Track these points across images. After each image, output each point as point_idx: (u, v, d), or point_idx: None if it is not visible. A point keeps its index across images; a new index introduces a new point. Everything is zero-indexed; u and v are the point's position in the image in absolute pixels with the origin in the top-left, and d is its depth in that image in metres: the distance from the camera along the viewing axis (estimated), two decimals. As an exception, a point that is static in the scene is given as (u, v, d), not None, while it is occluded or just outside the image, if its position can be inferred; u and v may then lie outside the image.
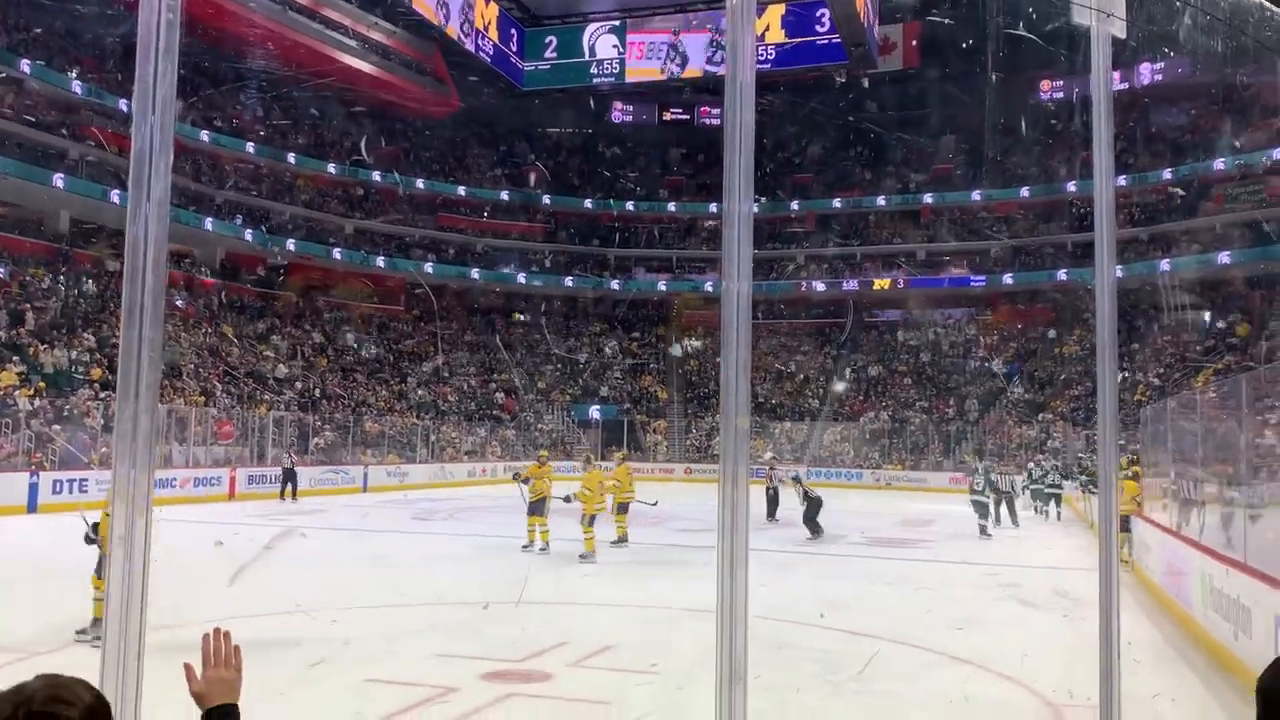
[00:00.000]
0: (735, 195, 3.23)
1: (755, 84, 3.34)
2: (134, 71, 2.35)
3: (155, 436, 2.55)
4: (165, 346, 19.68)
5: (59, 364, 27.97)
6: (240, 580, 11.91)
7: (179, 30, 2.30)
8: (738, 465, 3.12)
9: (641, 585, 12.71)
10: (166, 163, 2.32)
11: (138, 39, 2.25)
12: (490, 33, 40.49)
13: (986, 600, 11.97)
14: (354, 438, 33.85)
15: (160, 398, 2.84)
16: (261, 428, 30.52)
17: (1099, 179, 3.48)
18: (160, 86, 2.29)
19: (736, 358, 2.96)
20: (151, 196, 2.31)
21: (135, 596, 2.25)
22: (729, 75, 3.35)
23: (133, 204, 2.35)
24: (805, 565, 14.84)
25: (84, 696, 1.32)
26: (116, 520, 2.28)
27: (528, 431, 43.85)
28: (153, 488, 2.39)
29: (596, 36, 45.97)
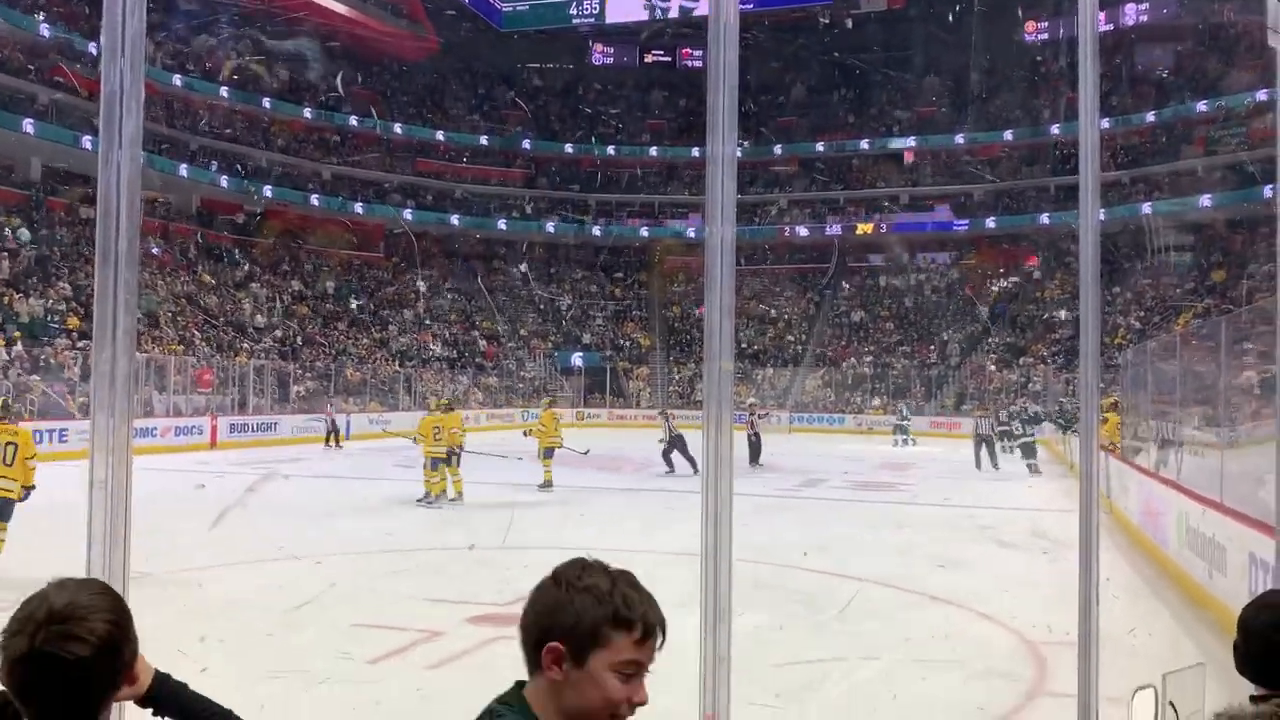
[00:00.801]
0: (719, 137, 3.18)
1: (739, 23, 3.28)
2: (102, 11, 2.29)
3: (134, 383, 2.52)
4: (142, 295, 19.51)
5: (35, 313, 27.71)
6: (223, 525, 11.93)
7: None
8: (721, 409, 3.12)
9: (622, 529, 12.82)
10: (138, 103, 2.27)
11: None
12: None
13: (966, 541, 12.13)
14: (335, 386, 33.78)
15: (138, 346, 2.80)
16: (241, 376, 30.41)
17: (1084, 124, 3.45)
18: (129, 24, 2.23)
19: (720, 300, 2.94)
20: (123, 139, 2.26)
21: (119, 545, 2.24)
22: (712, 14, 3.28)
23: (104, 147, 2.30)
24: (787, 509, 14.98)
25: (97, 629, 1.29)
26: (96, 467, 2.26)
27: (509, 379, 43.85)
28: (132, 434, 2.37)
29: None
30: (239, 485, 16.33)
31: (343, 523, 12.98)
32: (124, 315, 2.30)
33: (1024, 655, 6.76)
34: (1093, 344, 4.06)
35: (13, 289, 28.18)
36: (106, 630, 1.29)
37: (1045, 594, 8.51)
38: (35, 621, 1.25)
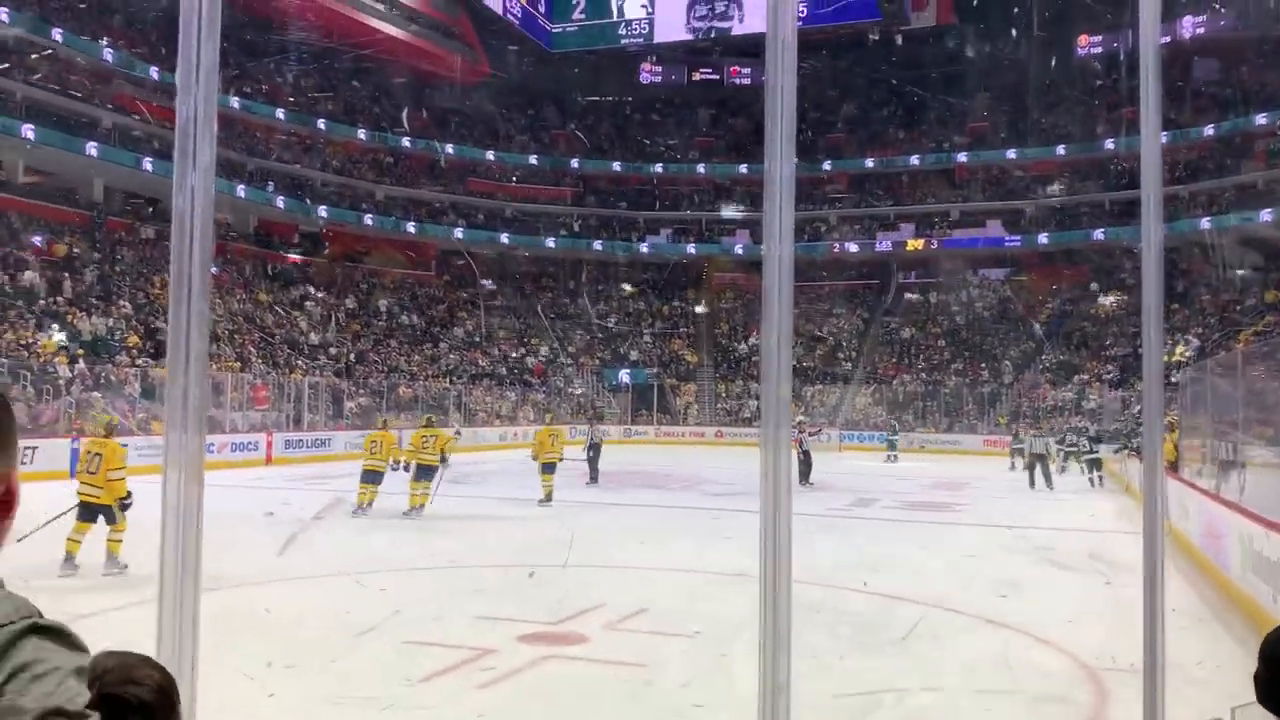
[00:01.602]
0: (777, 157, 3.17)
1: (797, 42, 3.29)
2: (166, 38, 2.36)
3: (207, 398, 2.57)
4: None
5: (97, 331, 28.36)
6: (290, 547, 12.09)
7: (220, 4, 2.30)
8: (779, 430, 3.11)
9: (676, 549, 12.77)
10: (211, 133, 2.32)
11: (180, 13, 2.25)
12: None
13: (1022, 564, 11.92)
14: (387, 403, 34.13)
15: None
16: (296, 393, 30.84)
17: (1146, 139, 3.40)
18: (204, 56, 2.29)
19: (778, 326, 2.93)
20: (197, 167, 2.32)
21: (190, 564, 2.28)
22: (769, 33, 3.28)
23: (178, 175, 2.35)
24: (840, 529, 14.84)
25: (153, 675, 1.33)
26: (169, 487, 2.30)
27: (558, 396, 44.02)
28: (204, 452, 2.42)
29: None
30: (305, 507, 16.46)
31: (398, 538, 13.09)
32: (197, 338, 2.34)
33: (1086, 684, 6.62)
34: (1155, 366, 3.98)
35: (75, 307, 28.87)
36: (161, 676, 1.32)
37: (1106, 619, 8.33)
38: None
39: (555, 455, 17.65)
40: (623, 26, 44.50)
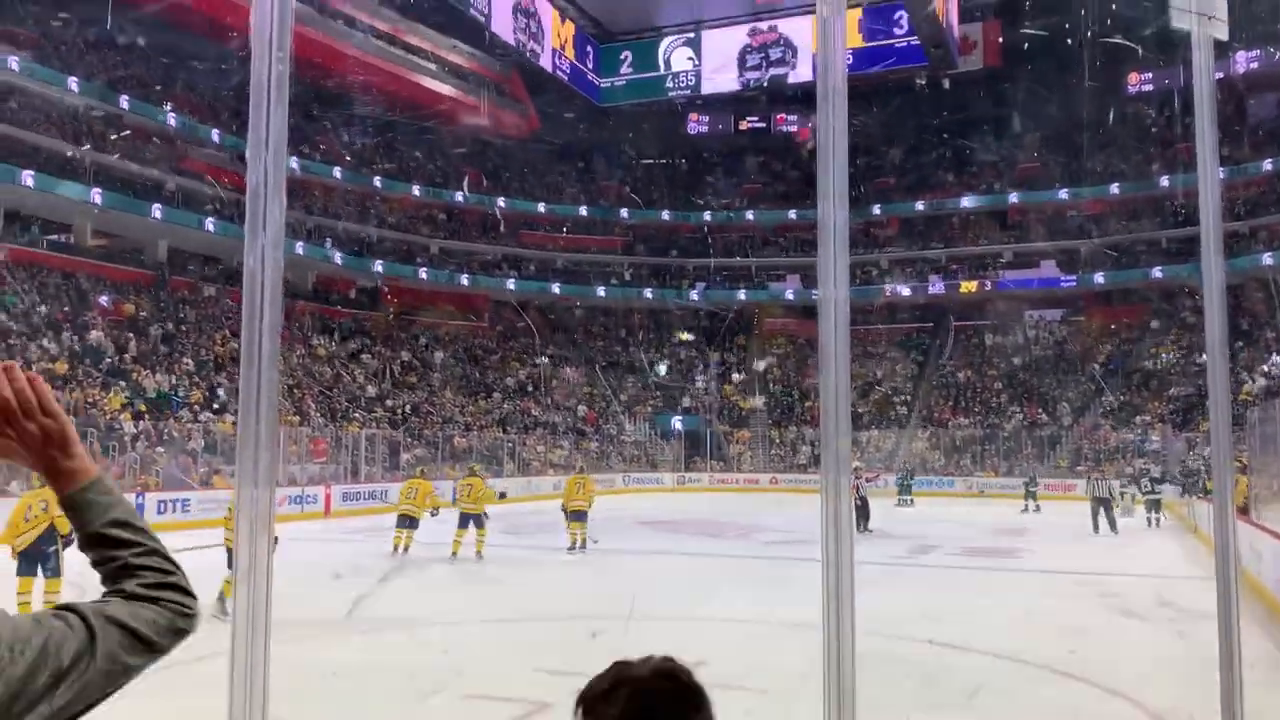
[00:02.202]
0: (830, 202, 3.19)
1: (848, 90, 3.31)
2: (227, 102, 2.46)
3: (276, 456, 2.63)
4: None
5: (160, 388, 29.00)
6: (347, 589, 12.17)
7: (289, 77, 2.39)
8: (839, 477, 3.09)
9: (734, 599, 12.64)
10: (280, 198, 2.40)
11: (250, 85, 2.35)
12: (567, 51, 40.90)
13: (1088, 611, 11.62)
14: (442, 453, 34.38)
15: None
16: (354, 445, 31.20)
17: (1204, 182, 3.37)
18: (273, 123, 2.38)
19: (836, 381, 2.93)
20: (267, 230, 2.39)
21: (260, 616, 2.32)
22: (820, 82, 3.32)
23: (249, 238, 2.44)
24: (900, 577, 14.60)
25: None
26: (240, 540, 2.35)
27: (611, 444, 44.02)
28: (274, 507, 2.47)
29: (671, 50, 46.14)
30: (368, 563, 16.53)
31: (457, 589, 13.13)
32: (267, 392, 2.41)
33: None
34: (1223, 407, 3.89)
35: (140, 365, 29.59)
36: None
37: (1179, 671, 8.08)
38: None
39: (584, 503, 17.78)
40: (670, 80, 44.99)
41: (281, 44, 2.31)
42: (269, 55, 2.24)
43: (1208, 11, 3.39)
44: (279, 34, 2.29)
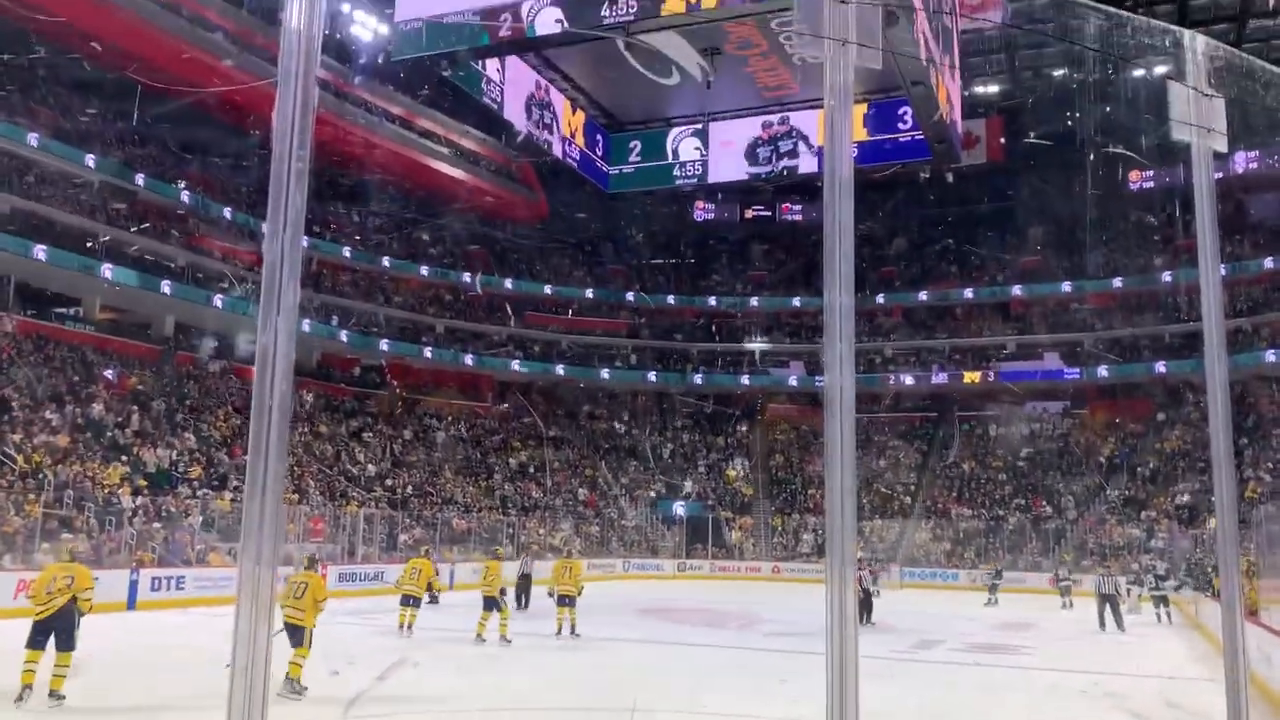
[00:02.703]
0: (836, 289, 3.22)
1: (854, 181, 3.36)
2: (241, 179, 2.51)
3: (280, 534, 2.61)
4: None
5: (160, 463, 28.90)
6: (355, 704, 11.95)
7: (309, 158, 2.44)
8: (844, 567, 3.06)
9: (735, 693, 12.40)
10: (295, 278, 2.43)
11: (272, 165, 2.40)
12: (577, 139, 41.54)
13: (1093, 713, 11.38)
14: (440, 535, 34.07)
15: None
16: (352, 525, 30.94)
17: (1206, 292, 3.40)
18: (292, 204, 2.42)
19: (841, 482, 2.92)
20: (281, 309, 2.42)
21: (258, 694, 2.28)
22: (827, 172, 3.38)
23: (263, 315, 2.46)
24: (903, 672, 14.33)
25: None
26: (240, 617, 2.32)
27: (611, 528, 43.63)
28: (274, 586, 2.44)
29: (680, 140, 47.00)
30: (367, 650, 16.32)
31: (452, 680, 12.89)
32: (275, 466, 2.40)
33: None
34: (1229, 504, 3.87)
35: (141, 439, 29.53)
36: None
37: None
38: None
39: (571, 588, 17.45)
40: (677, 168, 45.77)
41: (302, 142, 2.37)
42: (289, 153, 2.29)
43: (1206, 125, 3.47)
44: (300, 132, 2.36)
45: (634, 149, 44.45)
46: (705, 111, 33.75)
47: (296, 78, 2.43)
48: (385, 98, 43.44)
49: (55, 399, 29.24)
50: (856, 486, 2.86)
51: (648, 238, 56.57)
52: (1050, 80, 44.52)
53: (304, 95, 2.42)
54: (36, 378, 29.75)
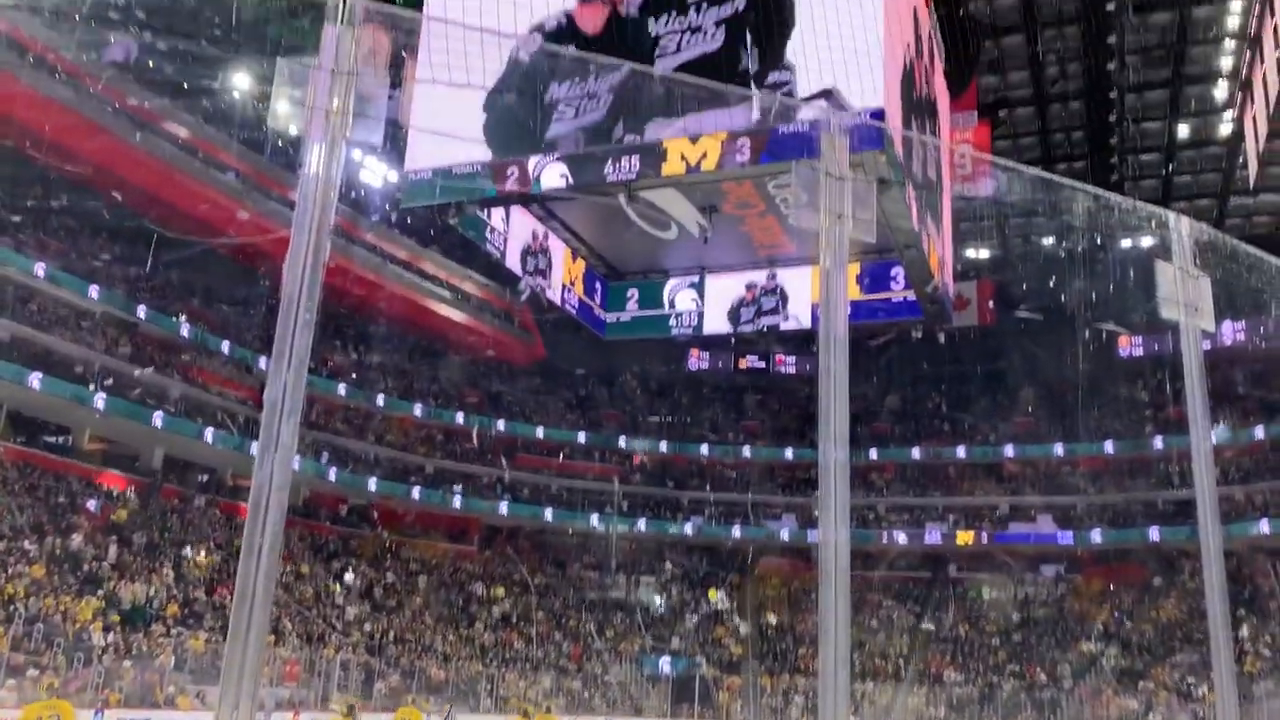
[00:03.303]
0: (831, 443, 3.22)
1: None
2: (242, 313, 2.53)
3: (259, 679, 2.53)
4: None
5: (136, 599, 28.22)
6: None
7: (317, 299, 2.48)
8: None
9: None
10: (295, 416, 2.43)
11: (280, 303, 2.43)
12: (576, 287, 42.36)
13: None
14: (418, 684, 33.03)
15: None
16: (327, 670, 30.02)
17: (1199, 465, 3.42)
18: (296, 346, 2.44)
19: (835, 649, 2.86)
20: (279, 443, 2.41)
21: None
22: (822, 329, 3.42)
23: (260, 451, 2.45)
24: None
25: None
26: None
27: (594, 684, 42.30)
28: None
29: (676, 291, 47.82)
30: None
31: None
32: (260, 608, 2.34)
33: None
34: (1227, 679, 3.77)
35: (118, 573, 28.92)
36: None
37: None
38: None
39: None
40: (673, 318, 46.46)
41: (311, 294, 2.43)
42: (298, 304, 2.34)
43: (1193, 304, 3.56)
44: (309, 285, 2.41)
45: (631, 297, 44.91)
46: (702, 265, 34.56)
47: (310, 232, 2.49)
48: (390, 240, 44.44)
49: (36, 529, 28.78)
50: (850, 649, 2.81)
51: (642, 384, 56.98)
52: (1040, 248, 45.79)
53: (316, 247, 2.49)
54: (18, 507, 29.35)
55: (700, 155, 17.90)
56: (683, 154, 18.09)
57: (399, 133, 19.51)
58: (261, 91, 29.80)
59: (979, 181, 27.81)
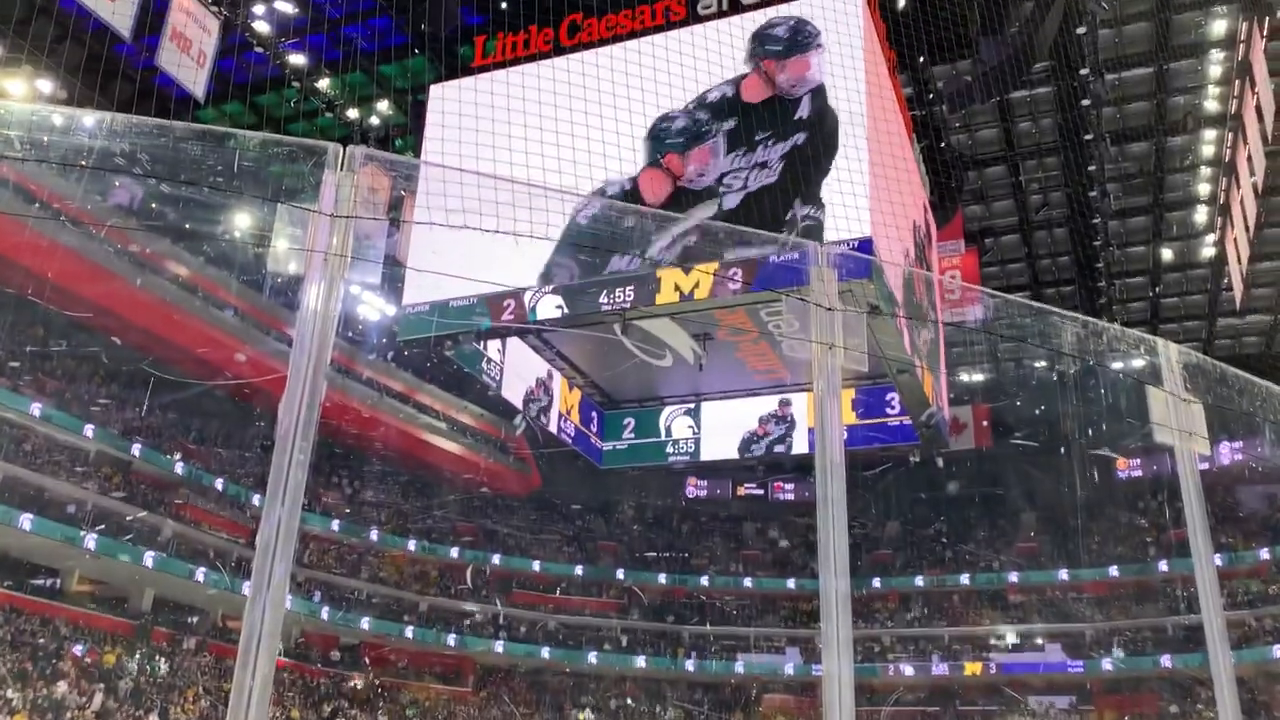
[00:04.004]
0: (831, 572, 3.19)
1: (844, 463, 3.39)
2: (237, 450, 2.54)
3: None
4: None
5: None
6: None
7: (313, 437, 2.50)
8: None
9: None
10: (289, 554, 2.42)
11: (276, 440, 2.44)
12: (572, 416, 42.44)
13: None
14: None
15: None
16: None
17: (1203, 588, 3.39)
18: (292, 477, 2.45)
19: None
20: (271, 583, 2.39)
21: None
22: (818, 457, 3.43)
23: (253, 591, 2.43)
24: None
25: None
26: None
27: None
28: None
29: (672, 419, 47.87)
30: None
31: None
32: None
33: None
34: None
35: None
36: None
37: None
38: None
39: None
40: (670, 446, 46.42)
41: (306, 435, 2.45)
42: (292, 444, 2.36)
43: (1187, 429, 3.59)
44: (304, 425, 2.45)
45: (628, 426, 44.93)
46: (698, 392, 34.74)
47: (306, 371, 2.53)
48: (386, 374, 44.66)
49: (19, 676, 28.00)
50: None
51: (639, 514, 56.43)
52: (1033, 371, 46.07)
53: (312, 387, 2.52)
54: (1, 655, 28.63)
55: (693, 284, 18.23)
56: (676, 283, 18.42)
57: (397, 270, 19.86)
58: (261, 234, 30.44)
59: (967, 308, 28.22)
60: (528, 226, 6.78)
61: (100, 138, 5.91)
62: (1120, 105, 31.97)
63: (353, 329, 39.97)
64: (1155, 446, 6.79)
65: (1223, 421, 6.89)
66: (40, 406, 34.25)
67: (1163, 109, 32.04)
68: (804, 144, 18.76)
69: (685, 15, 20.52)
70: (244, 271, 35.56)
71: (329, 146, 4.76)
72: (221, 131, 5.73)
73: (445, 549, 47.63)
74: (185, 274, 37.51)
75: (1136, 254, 39.78)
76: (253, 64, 27.84)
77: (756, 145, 19.15)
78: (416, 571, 47.38)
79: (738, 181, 19.02)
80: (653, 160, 19.69)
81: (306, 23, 26.61)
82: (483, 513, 51.49)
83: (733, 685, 49.89)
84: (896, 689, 47.69)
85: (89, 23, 22.00)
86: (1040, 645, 46.62)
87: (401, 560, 46.86)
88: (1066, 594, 47.78)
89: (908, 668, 47.16)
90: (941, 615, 49.48)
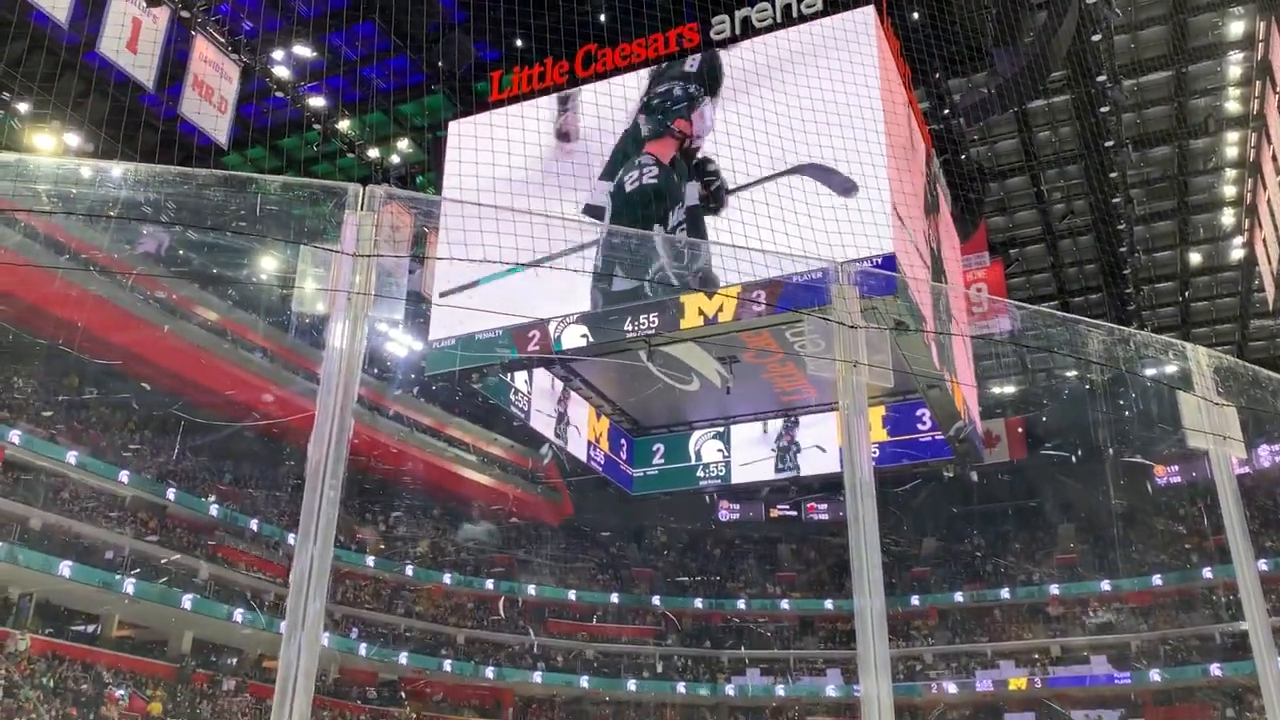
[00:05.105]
0: (865, 593, 3.17)
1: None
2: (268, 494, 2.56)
3: None
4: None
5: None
6: None
7: (343, 467, 2.53)
8: None
9: None
10: (323, 588, 2.43)
11: (306, 476, 2.47)
12: (601, 444, 42.40)
13: None
14: None
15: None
16: None
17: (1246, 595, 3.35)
18: (323, 516, 2.47)
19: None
20: (306, 621, 2.40)
21: None
22: (847, 475, 3.43)
23: (287, 633, 2.44)
24: None
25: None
26: None
27: None
28: None
29: (702, 443, 47.74)
30: None
31: None
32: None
33: None
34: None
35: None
36: None
37: None
38: None
39: None
40: (700, 469, 46.35)
41: (335, 472, 2.48)
42: (322, 482, 2.39)
43: (1221, 433, 3.55)
44: (334, 462, 2.47)
45: (657, 451, 44.86)
46: (726, 415, 34.61)
47: (334, 409, 2.56)
48: (416, 409, 44.87)
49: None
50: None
51: (672, 539, 56.20)
52: (1064, 381, 45.60)
53: (340, 425, 2.54)
54: (44, 700, 28.84)
55: (717, 308, 18.18)
56: (700, 308, 18.38)
57: (422, 305, 19.98)
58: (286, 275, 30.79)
59: (995, 320, 28.00)
60: (547, 255, 6.80)
61: (126, 188, 6.02)
62: (1140, 110, 31.77)
63: (379, 366, 40.20)
64: (1192, 452, 6.71)
65: (1259, 424, 6.78)
66: (76, 454, 34.66)
67: (1183, 112, 31.80)
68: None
69: (699, 42, 20.58)
70: (270, 313, 35.92)
71: (349, 187, 4.83)
72: (244, 177, 5.83)
73: (480, 580, 47.64)
74: (213, 318, 37.98)
75: (1164, 259, 39.39)
76: (273, 108, 28.23)
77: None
78: (452, 605, 47.39)
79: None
80: (662, 130, 19.99)
81: (324, 65, 26.97)
82: (516, 543, 51.50)
83: (773, 709, 49.41)
84: (939, 706, 47.06)
85: (112, 74, 22.42)
86: (1086, 657, 45.90)
87: (437, 593, 46.90)
88: (1109, 604, 47.06)
89: (951, 685, 46.53)
90: (983, 630, 48.86)
